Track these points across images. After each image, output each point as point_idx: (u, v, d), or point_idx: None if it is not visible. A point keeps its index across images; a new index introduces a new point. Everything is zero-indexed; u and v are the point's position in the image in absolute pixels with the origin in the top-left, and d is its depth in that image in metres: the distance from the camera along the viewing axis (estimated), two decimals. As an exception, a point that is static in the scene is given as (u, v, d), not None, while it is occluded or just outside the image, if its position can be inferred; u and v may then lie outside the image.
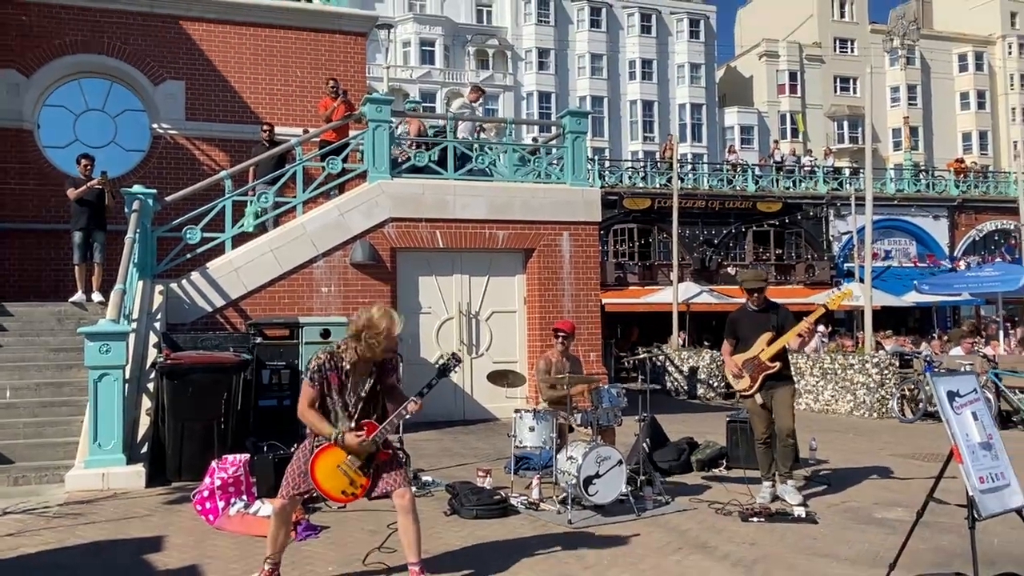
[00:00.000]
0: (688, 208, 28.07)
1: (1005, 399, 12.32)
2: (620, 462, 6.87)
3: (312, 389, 4.72)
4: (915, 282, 26.60)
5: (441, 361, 5.56)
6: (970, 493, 3.91)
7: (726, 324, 7.71)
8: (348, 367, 4.72)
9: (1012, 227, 31.68)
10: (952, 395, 4.25)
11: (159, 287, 10.85)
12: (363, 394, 4.84)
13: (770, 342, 7.01)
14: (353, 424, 4.75)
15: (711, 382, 17.85)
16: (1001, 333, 20.60)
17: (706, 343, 21.50)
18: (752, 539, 6.10)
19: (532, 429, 7.20)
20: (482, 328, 12.91)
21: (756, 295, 7.34)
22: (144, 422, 8.65)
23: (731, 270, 29.57)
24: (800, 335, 7.09)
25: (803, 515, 6.68)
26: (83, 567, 5.47)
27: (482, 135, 14.78)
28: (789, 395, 7.22)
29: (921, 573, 3.99)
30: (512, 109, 49.71)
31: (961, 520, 3.97)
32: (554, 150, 14.54)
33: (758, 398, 7.15)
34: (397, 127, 13.69)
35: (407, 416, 4.85)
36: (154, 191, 11.30)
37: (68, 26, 13.65)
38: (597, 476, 6.74)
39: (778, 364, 7.06)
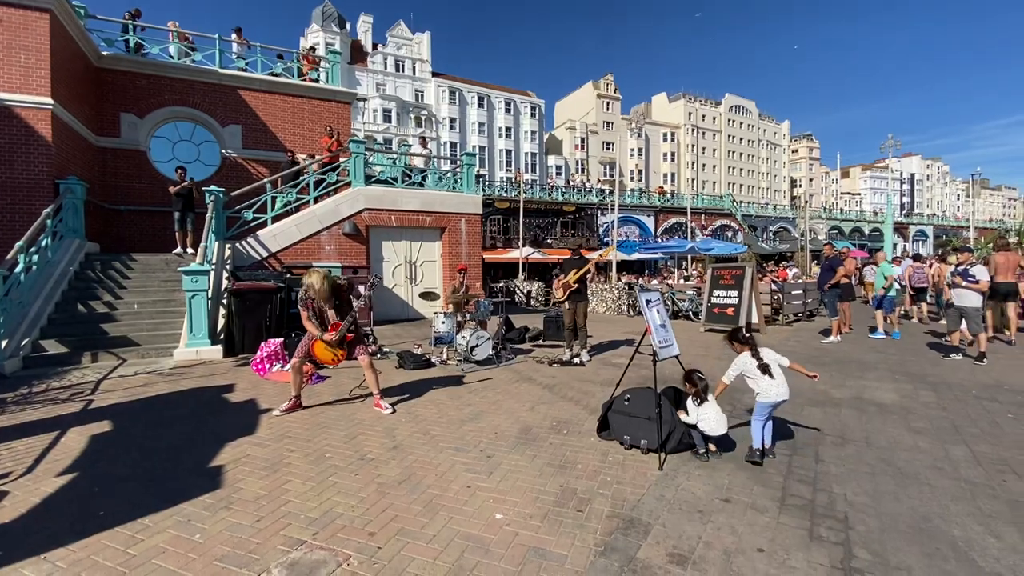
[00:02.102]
0: (528, 208, 28.14)
1: (674, 303, 13.18)
2: (489, 338, 7.00)
3: (304, 309, 4.65)
4: (638, 248, 27.73)
5: (371, 281, 5.57)
6: (654, 348, 4.13)
7: (560, 264, 7.44)
8: (312, 296, 4.64)
9: (684, 222, 33.59)
10: (648, 301, 4.46)
11: (228, 245, 9.98)
12: (328, 311, 4.70)
13: (576, 273, 7.01)
14: (328, 326, 4.69)
15: (537, 297, 18.22)
16: (676, 272, 22.03)
17: (536, 279, 21.82)
18: (553, 375, 6.36)
19: (443, 322, 7.20)
20: (417, 270, 12.56)
21: (575, 251, 7.30)
22: (220, 322, 8.06)
23: (549, 241, 29.99)
24: (589, 270, 7.07)
25: (580, 363, 6.98)
26: (184, 401, 5.13)
27: (431, 164, 14.03)
28: (585, 307, 7.17)
29: (630, 387, 4.27)
30: (435, 151, 47.59)
31: (650, 362, 4.13)
32: (457, 173, 14.08)
33: (567, 304, 7.12)
34: (370, 157, 12.91)
35: (355, 315, 4.74)
36: (223, 189, 10.26)
37: (168, 89, 11.98)
38: (477, 345, 6.85)
39: (578, 286, 7.03)
